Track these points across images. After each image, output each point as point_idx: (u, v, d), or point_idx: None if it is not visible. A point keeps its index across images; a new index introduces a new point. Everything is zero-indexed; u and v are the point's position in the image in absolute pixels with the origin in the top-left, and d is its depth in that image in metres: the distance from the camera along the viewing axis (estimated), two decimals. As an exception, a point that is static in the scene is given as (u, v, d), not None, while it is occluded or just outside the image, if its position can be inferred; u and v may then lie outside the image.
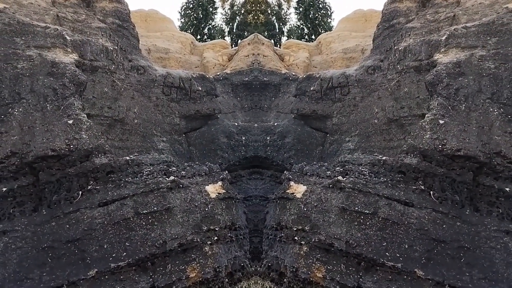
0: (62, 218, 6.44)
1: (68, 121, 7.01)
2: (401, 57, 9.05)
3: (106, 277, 5.92)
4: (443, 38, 7.92)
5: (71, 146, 6.81)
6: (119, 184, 7.01)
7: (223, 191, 7.63)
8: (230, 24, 27.53)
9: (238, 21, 26.55)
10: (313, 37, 25.92)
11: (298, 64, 13.66)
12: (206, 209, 7.16)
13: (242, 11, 25.88)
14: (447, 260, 6.09)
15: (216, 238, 7.07)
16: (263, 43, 13.67)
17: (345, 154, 8.50)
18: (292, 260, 7.01)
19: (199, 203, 7.13)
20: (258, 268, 8.47)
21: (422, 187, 6.68)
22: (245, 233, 8.58)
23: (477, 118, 6.68)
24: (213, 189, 7.52)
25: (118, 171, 7.21)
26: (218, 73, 11.71)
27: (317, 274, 6.62)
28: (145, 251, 6.24)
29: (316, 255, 6.72)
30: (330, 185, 7.02)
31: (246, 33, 19.42)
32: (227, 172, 8.45)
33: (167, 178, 7.20)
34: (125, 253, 6.15)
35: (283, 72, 12.05)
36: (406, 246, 6.27)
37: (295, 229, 7.07)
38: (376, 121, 9.16)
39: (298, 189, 7.28)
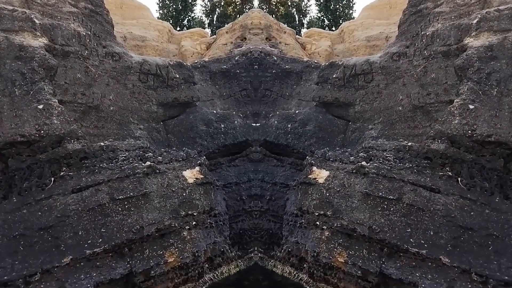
0: (34, 206, 6.31)
1: (38, 106, 6.84)
2: (428, 42, 8.80)
3: (82, 264, 5.80)
4: (474, 21, 7.66)
5: (42, 132, 6.67)
6: (93, 170, 6.86)
7: (201, 176, 7.49)
8: (210, 16, 27.28)
9: (218, 13, 26.28)
10: (333, 28, 25.60)
11: (320, 53, 13.47)
12: (184, 194, 7.03)
13: (222, 3, 25.61)
14: (474, 248, 5.91)
15: (194, 223, 6.98)
16: (285, 32, 13.52)
17: (368, 140, 8.33)
18: (313, 245, 6.92)
19: (176, 188, 7.01)
20: (278, 253, 8.42)
21: (450, 173, 6.49)
22: (225, 219, 8.50)
23: (509, 103, 6.45)
24: (191, 174, 7.39)
25: (92, 157, 7.07)
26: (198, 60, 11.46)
27: (338, 259, 6.52)
28: (121, 236, 6.12)
29: (338, 240, 6.60)
30: (354, 171, 6.88)
31: (226, 25, 19.15)
32: (204, 157, 8.30)
33: (143, 164, 7.07)
34: (101, 239, 6.04)
35: (305, 59, 11.88)
36: (432, 233, 6.11)
37: (317, 214, 6.97)
38: (400, 108, 8.95)
39: (321, 174, 7.16)
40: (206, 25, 27.39)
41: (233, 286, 7.71)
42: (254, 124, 10.22)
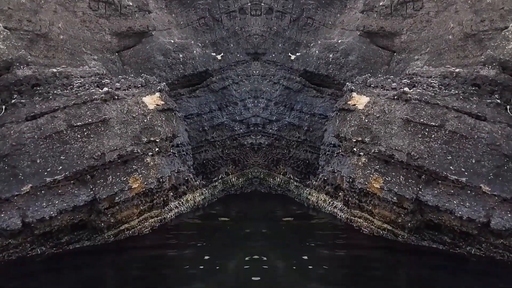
0: (-14, 134, 6.13)
1: (-19, 31, 6.42)
2: (486, -35, 8.08)
3: (43, 192, 5.84)
4: None
5: (-13, 58, 6.32)
6: (47, 97, 6.68)
7: (162, 102, 7.38)
8: None
9: None
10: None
11: (367, -18, 12.68)
12: (145, 120, 6.99)
13: None
14: (517, 178, 5.73)
15: (157, 149, 7.01)
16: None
17: (413, 67, 7.96)
18: (349, 171, 6.92)
19: (137, 114, 6.93)
20: (314, 182, 8.51)
21: (498, 100, 6.18)
22: (188, 149, 8.56)
23: None
24: (151, 100, 7.28)
25: (45, 84, 6.84)
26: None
27: (374, 185, 6.52)
28: (82, 163, 6.11)
29: (375, 166, 6.57)
30: (395, 97, 6.68)
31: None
32: (164, 83, 8.06)
33: (100, 90, 6.90)
34: (61, 167, 6.02)
35: (350, -13, 11.27)
36: (474, 161, 5.94)
37: (354, 140, 6.91)
38: (450, 37, 8.43)
39: (361, 100, 7.01)
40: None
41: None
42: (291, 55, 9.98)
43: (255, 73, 9.82)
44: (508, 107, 6.09)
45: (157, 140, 7.11)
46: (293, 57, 9.99)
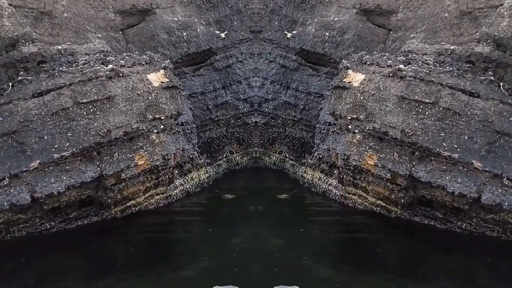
0: (-6, 111, 6.13)
1: (-15, 7, 6.39)
2: None
3: (51, 168, 5.91)
4: None
5: (-7, 34, 6.30)
6: (53, 74, 6.72)
7: (166, 80, 7.40)
8: None
9: None
10: None
11: (365, -41, 12.54)
12: (150, 97, 7.01)
13: None
14: (509, 154, 5.83)
15: (162, 127, 7.06)
16: None
17: (408, 45, 7.98)
18: (344, 148, 7.00)
19: (141, 91, 6.96)
20: (309, 160, 8.59)
21: (492, 77, 6.23)
22: (192, 128, 8.62)
23: None
24: (156, 78, 7.30)
25: (50, 61, 6.88)
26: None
27: (368, 161, 6.60)
28: (89, 140, 6.18)
29: (369, 143, 6.64)
30: (390, 74, 6.71)
31: None
32: (168, 61, 8.06)
33: (105, 67, 6.91)
34: (68, 144, 6.08)
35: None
36: (466, 138, 6.02)
37: (349, 118, 6.96)
38: (446, 14, 8.42)
39: (356, 78, 7.04)
40: None
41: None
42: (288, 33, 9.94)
43: (255, 52, 9.80)
44: (501, 84, 6.15)
45: (162, 118, 7.16)
46: (289, 35, 9.96)
